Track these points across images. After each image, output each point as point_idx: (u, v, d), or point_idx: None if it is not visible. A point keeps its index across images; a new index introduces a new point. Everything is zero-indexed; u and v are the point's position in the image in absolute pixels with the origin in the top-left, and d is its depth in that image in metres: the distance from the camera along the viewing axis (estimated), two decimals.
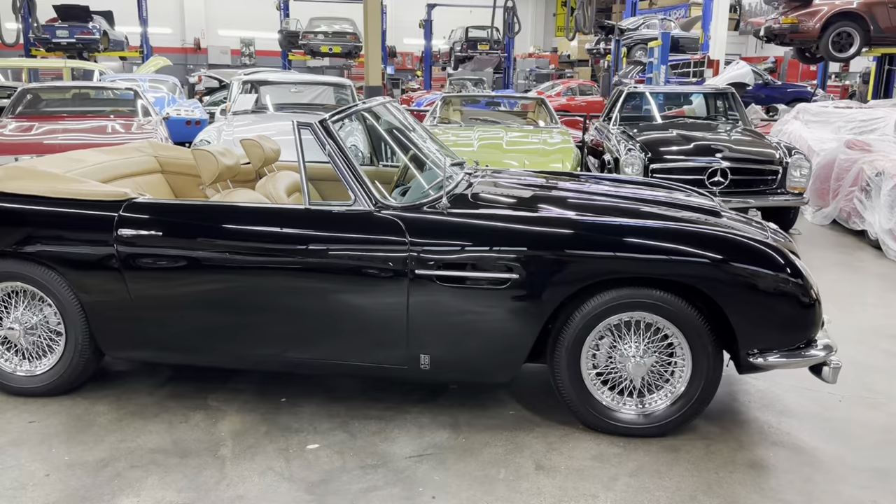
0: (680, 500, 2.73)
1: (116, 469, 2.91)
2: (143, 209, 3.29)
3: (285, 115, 8.70)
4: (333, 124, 3.34)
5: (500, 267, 3.02)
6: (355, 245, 3.12)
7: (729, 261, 2.95)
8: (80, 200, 3.32)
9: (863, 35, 12.84)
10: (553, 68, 31.94)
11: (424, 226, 3.10)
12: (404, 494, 2.75)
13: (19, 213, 3.34)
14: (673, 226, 3.10)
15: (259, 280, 3.20)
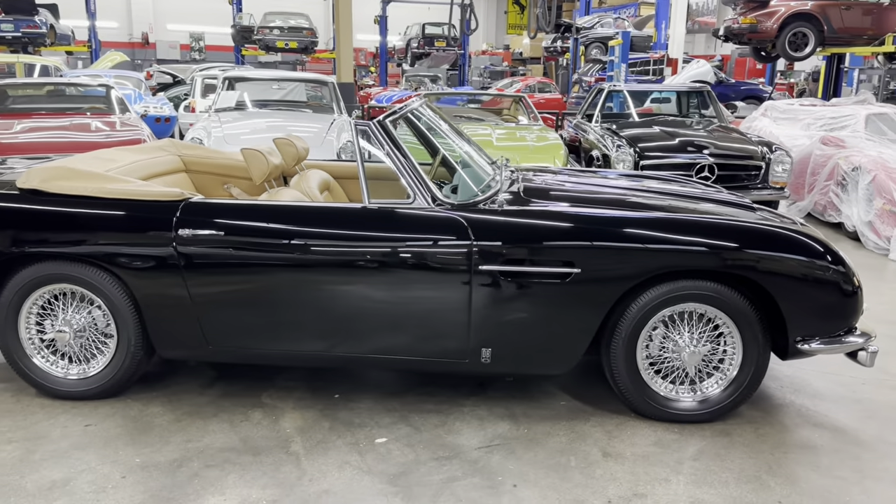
0: (745, 480, 2.88)
1: (192, 469, 2.91)
2: (202, 209, 3.28)
3: (272, 112, 8.65)
4: (390, 124, 3.38)
5: (563, 261, 3.12)
6: (418, 242, 3.18)
7: (782, 253, 3.12)
8: (136, 201, 3.29)
9: (817, 35, 13.38)
10: (507, 66, 32.20)
11: (487, 222, 3.18)
12: (485, 484, 2.83)
13: (69, 215, 3.29)
14: (730, 221, 3.25)
15: (320, 278, 3.23)
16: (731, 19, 14.15)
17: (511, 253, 3.13)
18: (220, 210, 3.30)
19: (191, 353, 3.43)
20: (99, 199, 3.30)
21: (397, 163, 3.30)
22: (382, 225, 3.23)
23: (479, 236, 3.14)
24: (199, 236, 3.21)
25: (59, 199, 3.32)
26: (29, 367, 3.43)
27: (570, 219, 3.23)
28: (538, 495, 2.76)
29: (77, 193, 3.31)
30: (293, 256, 3.21)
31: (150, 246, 3.23)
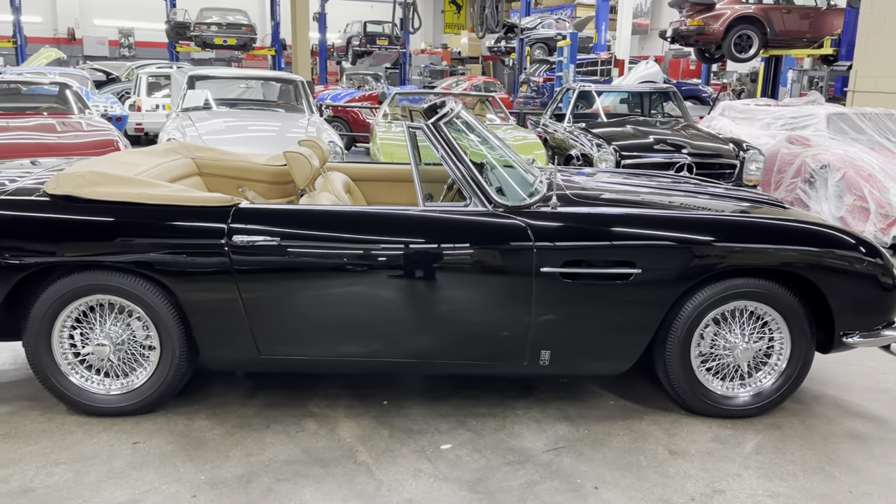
0: (811, 472, 2.97)
1: (264, 484, 2.81)
2: (253, 215, 3.17)
3: (243, 111, 8.44)
4: (445, 125, 3.34)
5: (623, 262, 3.15)
6: (478, 245, 3.15)
7: (832, 250, 3.23)
8: (184, 207, 3.15)
9: (761, 37, 13.94)
10: (446, 65, 32.30)
11: (547, 224, 3.18)
12: (566, 487, 2.84)
13: (111, 222, 3.13)
14: (784, 221, 3.35)
15: (377, 283, 3.17)
16: (679, 21, 14.57)
17: (572, 254, 3.14)
18: (273, 215, 3.19)
19: (241, 363, 3.32)
20: (143, 205, 3.15)
21: (453, 166, 3.27)
22: (439, 228, 3.19)
23: (539, 238, 3.14)
24: (255, 243, 3.10)
25: (97, 205, 3.15)
26: (63, 384, 3.24)
27: (629, 219, 3.26)
28: (623, 496, 2.78)
29: (119, 200, 3.15)
30: (349, 262, 3.14)
31: (201, 254, 3.11)
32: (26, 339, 3.19)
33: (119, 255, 3.10)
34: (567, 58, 16.67)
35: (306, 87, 9.02)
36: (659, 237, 3.19)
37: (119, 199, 3.15)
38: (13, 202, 3.20)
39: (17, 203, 3.19)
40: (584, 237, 3.18)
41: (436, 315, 3.19)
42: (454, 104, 3.65)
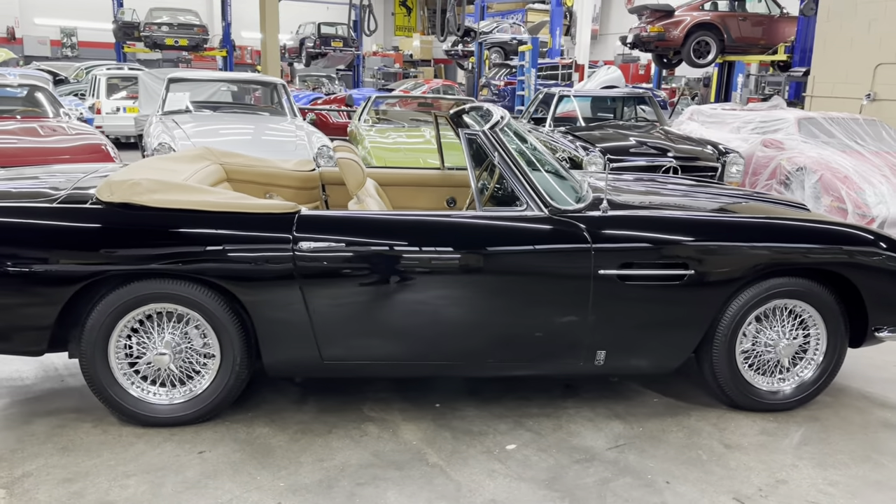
0: (860, 460, 3.14)
1: (346, 489, 2.83)
2: (317, 221, 3.17)
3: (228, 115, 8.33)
4: (500, 131, 3.41)
5: (678, 263, 3.27)
6: (539, 249, 3.23)
7: (866, 249, 3.41)
8: (249, 214, 3.14)
9: (718, 44, 14.40)
10: (398, 67, 32.31)
11: (604, 227, 3.27)
12: (639, 483, 2.93)
13: (174, 229, 3.09)
14: (822, 223, 3.51)
15: (438, 287, 3.21)
16: (640, 27, 14.94)
17: (627, 256, 3.25)
18: (336, 222, 3.20)
19: (302, 368, 3.32)
20: (206, 212, 3.12)
21: (509, 170, 3.34)
22: (499, 232, 3.26)
23: (596, 241, 3.23)
24: (321, 249, 3.11)
25: (158, 213, 3.11)
26: (119, 395, 3.18)
27: (681, 222, 3.39)
28: (695, 490, 2.89)
29: (180, 207, 3.11)
30: (411, 267, 3.18)
31: (269, 260, 3.10)
32: (82, 351, 3.12)
33: (182, 262, 3.07)
34: (529, 62, 16.93)
35: (286, 89, 8.95)
36: (710, 239, 3.32)
37: (180, 207, 3.11)
38: (70, 210, 3.13)
39: (75, 212, 3.13)
40: (638, 240, 3.29)
41: (497, 318, 3.25)
42: (500, 111, 3.71)
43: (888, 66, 10.31)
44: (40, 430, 3.21)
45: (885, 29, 10.29)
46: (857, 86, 10.78)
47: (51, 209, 3.13)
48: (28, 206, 3.14)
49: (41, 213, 3.12)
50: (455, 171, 4.73)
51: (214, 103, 8.70)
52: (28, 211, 3.12)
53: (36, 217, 3.10)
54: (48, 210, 3.13)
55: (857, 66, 10.73)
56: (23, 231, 3.06)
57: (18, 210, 3.12)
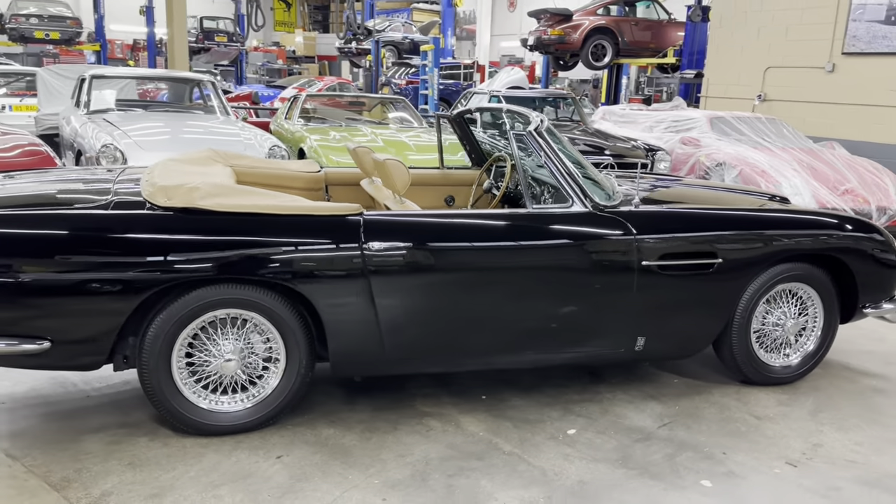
0: (870, 422, 3.55)
1: (440, 481, 2.90)
2: (381, 223, 3.21)
3: (161, 114, 7.99)
4: (546, 132, 3.56)
5: (709, 252, 3.56)
6: (590, 243, 3.41)
7: (860, 235, 3.84)
8: (317, 216, 3.13)
9: (613, 47, 15.21)
10: (282, 63, 31.66)
11: (645, 221, 3.51)
12: (701, 455, 3.18)
13: (242, 233, 3.03)
14: (824, 213, 3.91)
15: (497, 284, 3.33)
16: (540, 30, 15.50)
17: (667, 247, 3.50)
18: (401, 223, 3.25)
19: (368, 367, 3.34)
20: (272, 215, 3.08)
21: (556, 169, 3.50)
22: (550, 228, 3.41)
23: (639, 232, 3.46)
24: (389, 248, 3.15)
25: (224, 217, 3.04)
26: (182, 406, 3.09)
27: (708, 215, 3.69)
28: (749, 458, 3.17)
29: (246, 211, 3.06)
30: (472, 264, 3.28)
31: (339, 262, 3.10)
32: (143, 361, 3.00)
33: (251, 266, 3.02)
34: (431, 62, 17.14)
35: (216, 86, 8.67)
36: (735, 229, 3.64)
37: (245, 210, 3.06)
38: (132, 217, 3.01)
39: (137, 218, 3.01)
40: (673, 231, 3.55)
41: (552, 311, 3.41)
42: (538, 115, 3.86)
43: (776, 70, 11.31)
44: (94, 447, 3.06)
45: (773, 35, 11.27)
46: (749, 87, 11.75)
47: (110, 216, 3.00)
48: (86, 213, 2.99)
49: (100, 220, 2.98)
50: (454, 170, 4.84)
51: (143, 102, 8.30)
52: (86, 219, 2.97)
53: (97, 224, 2.96)
54: (107, 217, 2.99)
55: (748, 69, 11.69)
56: (85, 240, 2.91)
57: (76, 218, 2.97)
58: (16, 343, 2.85)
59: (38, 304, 2.87)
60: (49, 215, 2.99)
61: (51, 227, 2.92)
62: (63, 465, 2.91)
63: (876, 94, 9.95)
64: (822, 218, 3.90)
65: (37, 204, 3.21)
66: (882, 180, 8.32)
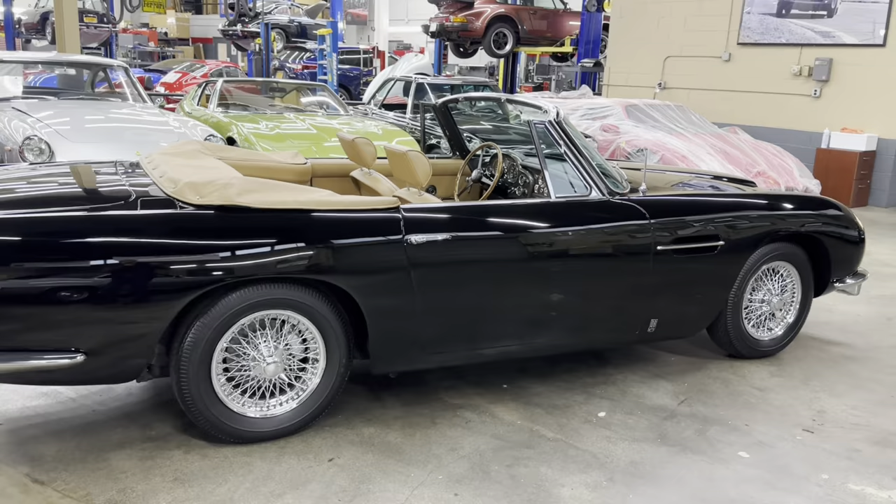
0: (854, 387, 3.86)
1: (501, 472, 2.91)
2: (421, 214, 3.15)
3: (76, 102, 7.43)
4: (565, 122, 3.60)
5: (713, 235, 3.74)
6: (612, 229, 3.50)
7: (834, 214, 4.15)
8: (358, 210, 3.03)
9: (514, 35, 15.50)
10: (154, 46, 30.03)
11: (653, 207, 3.63)
12: (727, 428, 3.36)
13: (280, 230, 2.89)
14: (801, 194, 4.19)
15: (529, 272, 3.35)
16: (443, 17, 15.55)
17: (676, 232, 3.65)
18: (438, 213, 3.21)
19: (406, 362, 3.27)
20: (311, 211, 2.96)
21: (573, 157, 3.56)
22: (573, 215, 3.47)
23: (655, 219, 3.59)
24: (429, 241, 3.10)
25: (263, 214, 2.89)
26: (222, 414, 2.92)
27: (709, 201, 3.87)
28: (771, 427, 3.38)
29: (285, 207, 2.92)
30: (505, 253, 3.30)
31: (382, 255, 3.03)
32: (182, 370, 2.81)
33: (294, 264, 2.89)
34: (329, 46, 16.79)
35: (129, 72, 8.14)
36: (734, 212, 3.84)
37: (284, 207, 2.93)
38: (170, 217, 2.81)
39: (174, 218, 2.81)
40: (682, 215, 3.70)
41: (579, 296, 3.48)
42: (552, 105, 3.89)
43: (675, 59, 11.92)
44: (127, 465, 2.84)
45: (672, 26, 11.87)
46: (649, 76, 12.32)
47: (149, 217, 2.79)
48: (122, 214, 2.77)
49: (137, 221, 2.76)
50: (436, 159, 4.81)
51: (53, 89, 7.66)
52: (122, 220, 2.75)
53: (133, 225, 2.74)
54: (144, 218, 2.78)
55: (648, 58, 12.26)
56: (122, 242, 2.68)
57: (110, 219, 2.74)
58: (47, 358, 2.60)
59: (70, 314, 2.62)
60: (79, 217, 2.74)
61: (82, 229, 2.67)
62: (102, 487, 2.69)
63: (769, 81, 10.71)
64: (804, 200, 4.18)
65: (51, 204, 2.91)
66: (786, 162, 9.01)
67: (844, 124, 9.89)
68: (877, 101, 9.66)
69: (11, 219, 2.65)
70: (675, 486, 2.88)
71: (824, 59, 10.03)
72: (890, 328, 4.84)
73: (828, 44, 10.03)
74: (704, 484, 2.90)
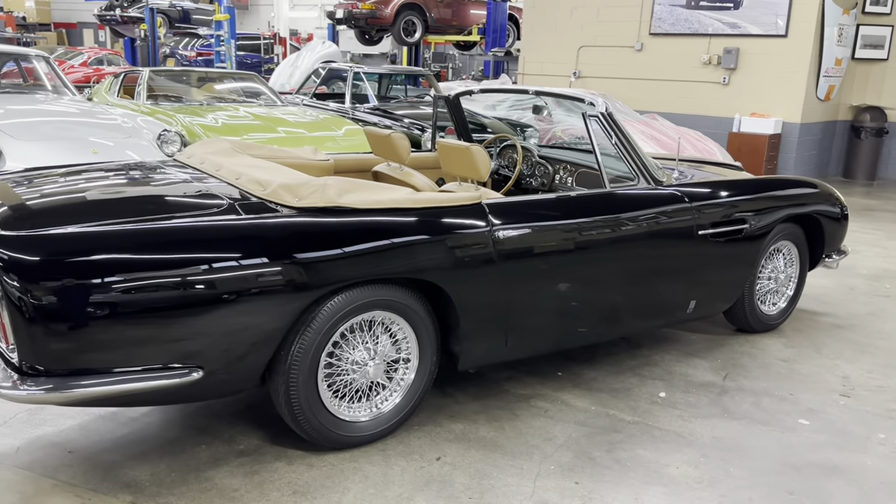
0: (859, 353, 4.23)
1: (607, 457, 2.99)
2: (503, 208, 3.16)
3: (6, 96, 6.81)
4: (610, 114, 3.70)
5: (741, 219, 3.98)
6: (663, 216, 3.64)
7: (827, 195, 4.50)
8: (447, 207, 3.00)
9: (423, 24, 15.49)
10: (12, 32, 27.68)
11: (689, 193, 3.81)
12: (775, 398, 3.60)
13: (383, 230, 2.82)
14: (801, 178, 4.50)
15: (598, 261, 3.44)
16: (349, 3, 15.30)
17: (712, 216, 3.85)
18: (518, 207, 3.23)
19: (492, 356, 3.27)
20: (406, 209, 2.91)
21: (623, 150, 3.68)
22: (629, 204, 3.59)
23: (696, 205, 3.77)
24: (514, 233, 3.13)
25: (365, 214, 2.82)
26: (325, 421, 2.83)
27: (733, 185, 4.09)
28: (811, 395, 3.65)
29: (384, 206, 2.86)
30: (578, 240, 3.36)
31: (473, 250, 3.02)
32: (292, 378, 2.70)
33: (399, 263, 2.83)
34: (227, 33, 16.14)
35: (52, 63, 7.53)
36: (756, 196, 4.09)
37: (383, 206, 2.86)
38: (282, 223, 2.68)
39: (287, 223, 2.68)
40: (713, 199, 3.90)
41: (643, 282, 3.61)
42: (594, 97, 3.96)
43: (589, 48, 12.34)
44: (234, 482, 2.70)
45: (585, 16, 12.27)
46: (564, 65, 12.69)
47: (254, 222, 2.65)
48: (227, 221, 2.61)
49: (252, 228, 2.62)
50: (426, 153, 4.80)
51: None
52: (226, 228, 2.59)
53: (248, 233, 2.60)
54: (260, 225, 2.65)
55: (563, 47, 12.62)
56: (238, 250, 2.53)
57: (220, 228, 2.58)
58: (167, 376, 2.42)
59: (187, 329, 2.45)
60: (186, 226, 2.56)
61: (193, 238, 2.51)
62: None
63: (680, 70, 11.31)
64: (804, 181, 4.51)
65: (130, 213, 2.70)
66: (708, 147, 9.56)
67: (752, 109, 10.63)
68: (780, 88, 10.44)
69: (112, 231, 2.45)
70: (762, 455, 3.07)
71: (732, 49, 10.71)
72: (857, 297, 5.31)
73: (735, 34, 10.72)
74: (785, 451, 3.11)
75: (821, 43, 10.21)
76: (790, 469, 2.98)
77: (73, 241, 2.36)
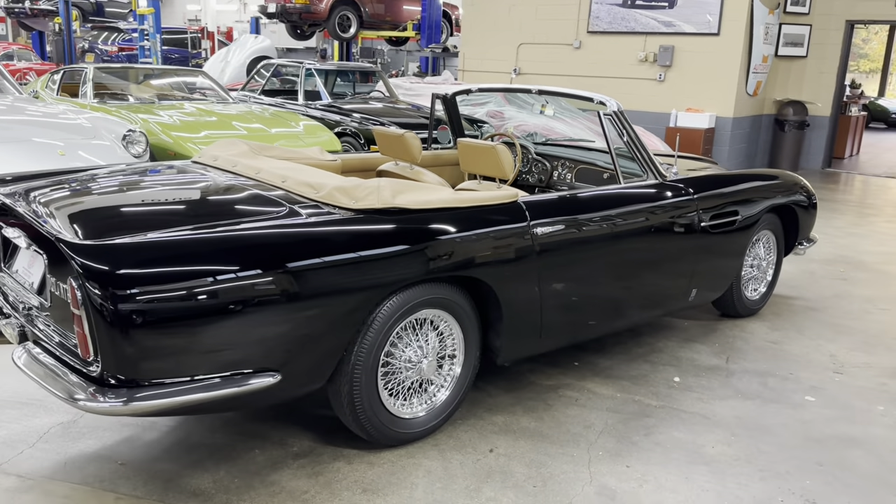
0: (839, 334, 4.54)
1: (647, 441, 3.13)
2: (540, 205, 3.26)
3: None
4: (622, 113, 3.84)
5: (735, 210, 4.21)
6: (673, 209, 3.81)
7: (802, 186, 4.81)
8: (491, 206, 3.08)
9: (358, 19, 15.40)
10: None
11: (692, 187, 4.01)
12: (780, 378, 3.83)
13: (435, 230, 2.87)
14: (781, 171, 4.78)
15: (622, 253, 3.59)
16: None
17: (712, 209, 4.06)
18: (553, 204, 3.33)
19: (528, 349, 3.36)
20: (453, 209, 2.97)
21: (633, 147, 3.83)
22: (644, 198, 3.74)
23: (699, 198, 3.97)
24: (550, 229, 3.22)
25: (418, 215, 2.86)
26: (384, 419, 2.86)
27: (726, 178, 4.31)
28: (810, 374, 3.91)
29: (434, 207, 2.91)
30: (605, 234, 3.49)
31: (515, 247, 3.10)
32: (355, 378, 2.72)
33: (450, 262, 2.88)
34: (153, 27, 15.60)
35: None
36: (747, 188, 4.33)
37: (433, 207, 2.91)
38: (343, 226, 2.68)
39: (353, 227, 2.69)
40: (715, 193, 4.11)
41: (658, 272, 3.79)
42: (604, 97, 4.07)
43: (528, 46, 12.58)
44: (302, 484, 2.69)
45: (524, 14, 12.49)
46: (504, 62, 12.89)
47: (320, 225, 2.65)
48: (306, 227, 2.61)
49: (308, 231, 2.62)
50: (442, 150, 4.85)
51: None
52: (293, 232, 2.59)
53: (309, 236, 2.60)
54: (315, 227, 2.64)
55: (502, 44, 12.81)
56: (311, 253, 2.53)
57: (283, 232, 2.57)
58: (248, 382, 2.41)
59: (267, 333, 2.43)
60: (262, 232, 2.55)
61: (262, 242, 2.50)
62: None
63: (618, 67, 11.69)
64: (778, 174, 4.79)
65: (189, 218, 2.65)
66: (651, 141, 9.91)
67: (687, 105, 11.10)
68: (713, 84, 10.94)
69: (191, 238, 2.41)
70: (784, 431, 3.29)
71: (667, 47, 11.14)
72: (820, 281, 5.69)
73: (670, 32, 11.16)
74: (803, 426, 3.34)
75: (750, 41, 10.76)
76: (813, 443, 3.20)
77: (156, 248, 2.31)
